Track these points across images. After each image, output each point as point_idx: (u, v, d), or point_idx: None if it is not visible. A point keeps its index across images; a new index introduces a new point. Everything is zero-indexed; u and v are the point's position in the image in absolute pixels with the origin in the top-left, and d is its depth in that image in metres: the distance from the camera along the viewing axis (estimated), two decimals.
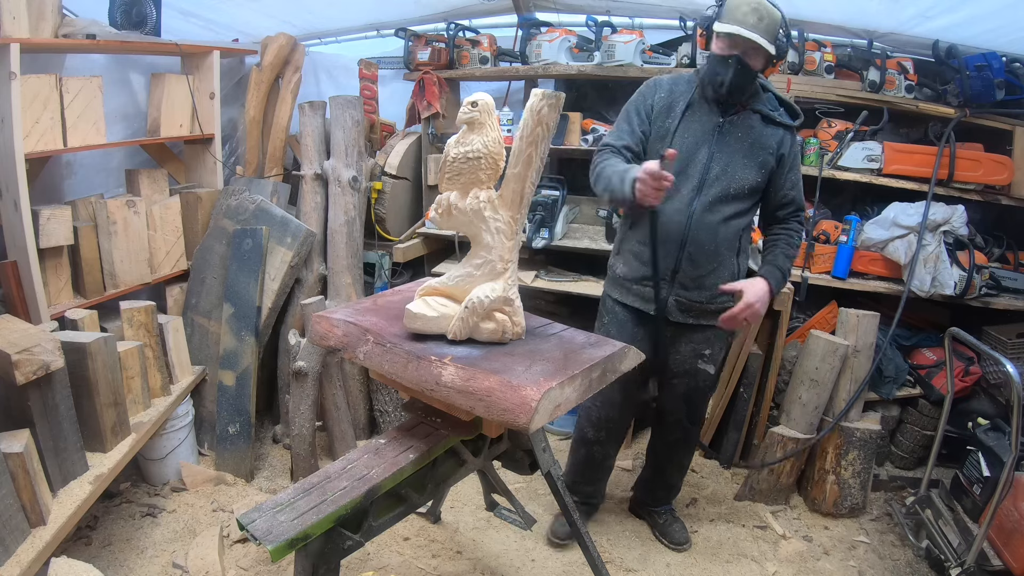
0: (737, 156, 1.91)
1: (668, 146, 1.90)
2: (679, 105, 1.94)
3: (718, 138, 1.91)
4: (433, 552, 2.26)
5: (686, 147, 1.91)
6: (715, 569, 2.24)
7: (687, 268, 1.96)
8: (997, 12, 2.42)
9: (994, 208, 2.80)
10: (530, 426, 1.25)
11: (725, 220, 1.94)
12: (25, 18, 2.12)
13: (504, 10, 3.26)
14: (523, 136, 1.37)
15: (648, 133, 1.98)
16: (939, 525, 2.25)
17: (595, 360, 1.45)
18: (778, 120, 1.94)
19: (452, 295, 1.53)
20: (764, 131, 1.93)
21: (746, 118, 1.92)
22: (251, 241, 2.71)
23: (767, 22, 1.76)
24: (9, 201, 2.19)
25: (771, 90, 2.00)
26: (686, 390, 2.15)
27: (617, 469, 2.79)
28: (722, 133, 1.91)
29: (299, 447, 2.62)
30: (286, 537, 1.22)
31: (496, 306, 1.47)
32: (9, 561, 1.58)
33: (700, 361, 2.10)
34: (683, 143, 1.92)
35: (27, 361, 1.71)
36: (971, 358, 2.72)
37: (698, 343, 2.07)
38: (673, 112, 1.94)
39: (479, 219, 1.44)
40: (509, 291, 1.48)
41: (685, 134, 1.92)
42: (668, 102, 1.96)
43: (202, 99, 2.84)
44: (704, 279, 1.97)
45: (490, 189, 1.45)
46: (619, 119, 2.04)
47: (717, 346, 2.13)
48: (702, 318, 2.03)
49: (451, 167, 1.44)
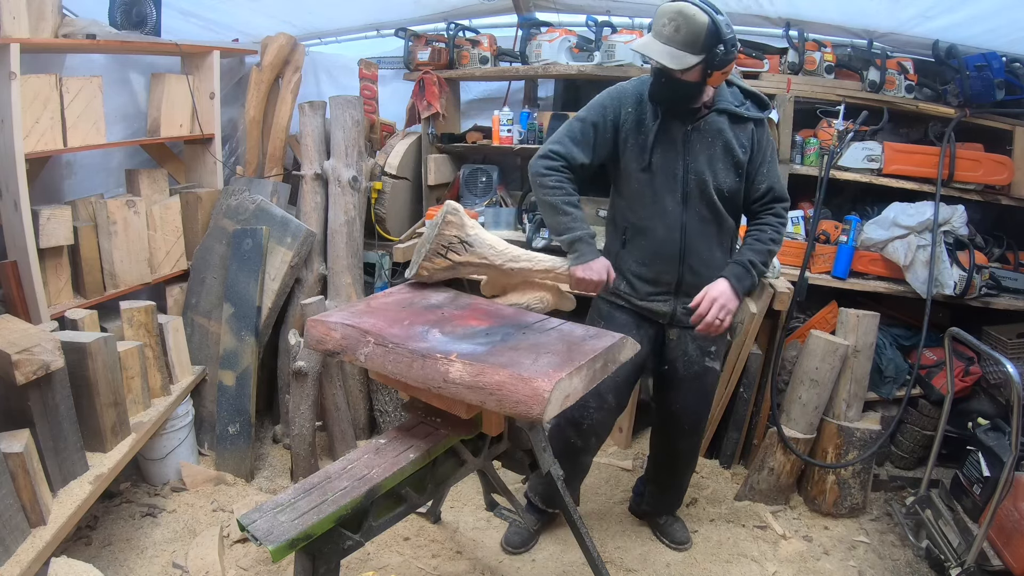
0: (711, 162, 1.88)
1: (648, 160, 1.88)
2: (648, 120, 1.89)
3: (687, 147, 1.88)
4: (433, 552, 2.26)
5: (665, 161, 1.89)
6: (715, 569, 2.24)
7: (689, 278, 1.96)
8: (997, 12, 2.43)
9: (994, 208, 2.80)
10: (544, 416, 1.28)
11: (717, 226, 1.95)
12: (25, 18, 2.12)
13: (504, 10, 3.26)
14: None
15: (604, 151, 1.93)
16: (939, 525, 2.25)
17: (598, 351, 1.47)
18: (746, 115, 1.89)
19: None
20: (734, 130, 1.88)
21: (713, 121, 1.87)
22: (251, 241, 2.71)
23: (685, 32, 1.67)
24: (9, 201, 2.19)
25: (736, 84, 1.94)
26: (697, 392, 2.11)
27: (617, 469, 2.80)
28: (690, 142, 1.88)
29: (299, 447, 2.62)
30: (287, 537, 1.22)
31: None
32: (9, 561, 1.58)
33: (708, 359, 2.08)
34: (660, 158, 1.89)
35: (27, 361, 1.71)
36: (971, 358, 2.72)
37: (703, 341, 2.04)
38: (645, 126, 1.90)
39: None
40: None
41: (660, 148, 1.89)
42: (637, 116, 1.91)
43: (202, 99, 2.84)
44: (706, 284, 1.94)
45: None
46: (573, 122, 1.94)
47: (721, 340, 2.11)
48: None
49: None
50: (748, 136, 1.90)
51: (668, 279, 1.98)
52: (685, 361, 2.07)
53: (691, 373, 2.08)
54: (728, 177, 1.90)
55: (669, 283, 1.98)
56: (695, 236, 1.93)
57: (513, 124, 3.00)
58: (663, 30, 1.70)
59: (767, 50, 2.90)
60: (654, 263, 1.98)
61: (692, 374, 2.08)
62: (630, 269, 2.03)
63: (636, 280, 2.02)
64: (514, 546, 2.26)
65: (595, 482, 2.71)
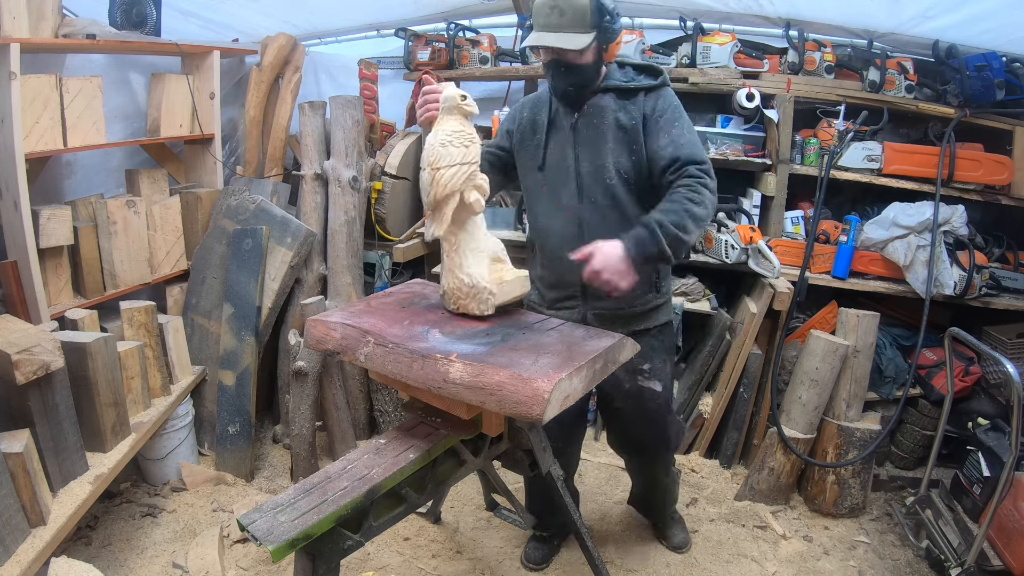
0: (599, 145, 1.76)
1: (543, 158, 1.83)
2: (541, 117, 1.84)
3: (576, 137, 1.79)
4: (433, 552, 2.26)
5: (555, 159, 1.82)
6: (715, 569, 2.24)
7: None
8: (997, 12, 2.43)
9: (994, 208, 2.80)
10: (544, 417, 1.27)
11: (618, 215, 1.78)
12: (25, 18, 2.12)
13: (504, 10, 3.26)
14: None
15: (511, 150, 1.92)
16: (939, 525, 2.25)
17: (598, 351, 1.47)
18: (634, 87, 1.76)
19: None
20: (622, 106, 1.76)
21: (596, 102, 1.77)
22: (251, 241, 2.71)
23: (570, 13, 1.61)
24: (9, 201, 2.19)
25: (628, 63, 1.84)
26: (634, 414, 1.95)
27: (617, 469, 2.79)
28: (577, 129, 1.79)
29: (299, 447, 2.62)
30: (287, 537, 1.22)
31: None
32: (9, 561, 1.58)
33: (640, 378, 1.90)
34: (553, 156, 1.82)
35: (27, 361, 1.71)
36: (971, 358, 2.72)
37: (632, 359, 1.72)
38: (538, 127, 1.85)
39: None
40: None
41: (553, 145, 1.82)
42: (532, 120, 1.87)
43: (202, 99, 2.84)
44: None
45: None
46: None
47: (658, 359, 1.92)
48: (628, 325, 1.85)
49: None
50: (638, 107, 1.75)
51: (572, 280, 1.80)
52: (612, 381, 1.81)
53: (622, 392, 1.93)
54: (623, 156, 1.75)
55: (573, 285, 1.84)
56: (595, 231, 1.73)
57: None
58: (548, 20, 1.63)
59: (767, 50, 2.90)
60: (555, 265, 1.86)
61: (623, 393, 1.92)
62: (538, 275, 1.93)
63: (542, 286, 1.93)
64: (535, 562, 2.19)
65: (595, 482, 2.71)
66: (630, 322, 1.87)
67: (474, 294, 1.60)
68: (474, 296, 1.60)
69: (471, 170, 1.55)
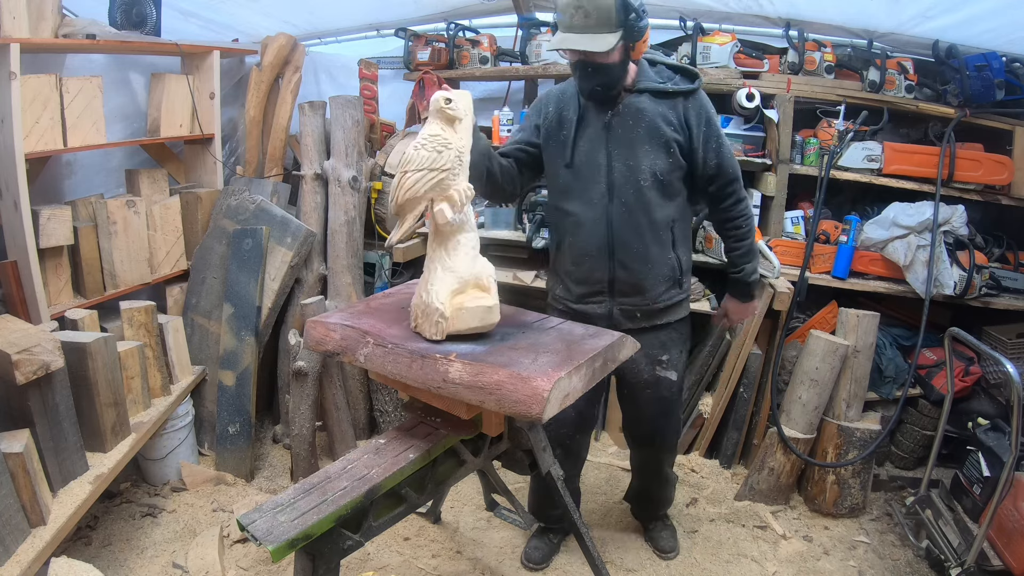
0: (635, 146, 1.78)
1: (571, 156, 1.84)
2: (569, 113, 1.85)
3: (609, 136, 1.80)
4: (433, 552, 2.26)
5: (586, 155, 1.83)
6: (715, 569, 2.24)
7: (621, 275, 1.86)
8: (997, 12, 2.42)
9: (994, 208, 2.80)
10: (543, 416, 1.27)
11: (648, 217, 1.82)
12: (25, 18, 2.12)
13: (504, 10, 3.26)
14: None
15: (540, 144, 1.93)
16: (939, 525, 2.25)
17: (597, 350, 1.47)
18: (672, 90, 1.79)
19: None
20: (659, 108, 1.78)
21: (632, 103, 1.78)
22: (251, 241, 2.71)
23: (595, 15, 1.60)
24: (9, 201, 2.20)
25: (661, 62, 1.86)
26: (650, 403, 2.02)
27: (617, 469, 2.79)
28: (611, 128, 1.80)
29: (299, 447, 2.62)
30: (287, 537, 1.22)
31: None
32: (9, 561, 1.59)
33: (659, 368, 1.97)
34: (582, 152, 1.83)
35: (27, 361, 1.71)
36: (971, 358, 2.72)
37: (653, 348, 1.93)
38: (565, 123, 1.85)
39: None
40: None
41: (582, 142, 1.83)
42: (558, 115, 1.88)
43: (202, 99, 2.84)
44: (641, 282, 1.87)
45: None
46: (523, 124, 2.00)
47: (675, 350, 1.99)
48: (651, 319, 1.92)
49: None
50: (677, 112, 1.79)
51: (599, 277, 1.87)
52: (633, 370, 1.95)
53: (640, 382, 1.99)
54: (659, 159, 1.79)
55: (601, 282, 1.88)
56: (624, 230, 1.82)
57: (513, 124, 2.99)
58: (572, 21, 1.63)
59: (767, 50, 2.90)
60: (583, 261, 1.89)
61: (642, 382, 1.99)
62: (564, 270, 1.96)
63: (570, 282, 1.95)
64: (535, 562, 2.20)
65: (595, 482, 2.71)
66: (654, 316, 1.93)
67: (427, 315, 1.50)
68: (427, 317, 1.50)
69: (439, 178, 1.44)
